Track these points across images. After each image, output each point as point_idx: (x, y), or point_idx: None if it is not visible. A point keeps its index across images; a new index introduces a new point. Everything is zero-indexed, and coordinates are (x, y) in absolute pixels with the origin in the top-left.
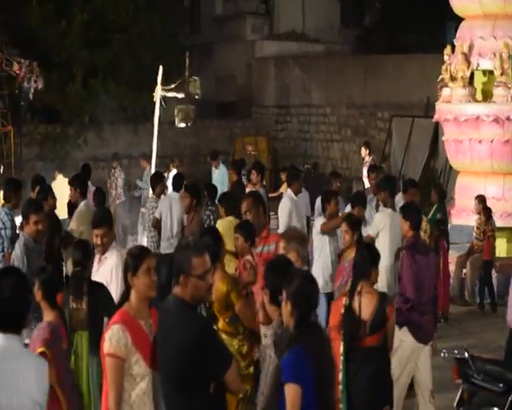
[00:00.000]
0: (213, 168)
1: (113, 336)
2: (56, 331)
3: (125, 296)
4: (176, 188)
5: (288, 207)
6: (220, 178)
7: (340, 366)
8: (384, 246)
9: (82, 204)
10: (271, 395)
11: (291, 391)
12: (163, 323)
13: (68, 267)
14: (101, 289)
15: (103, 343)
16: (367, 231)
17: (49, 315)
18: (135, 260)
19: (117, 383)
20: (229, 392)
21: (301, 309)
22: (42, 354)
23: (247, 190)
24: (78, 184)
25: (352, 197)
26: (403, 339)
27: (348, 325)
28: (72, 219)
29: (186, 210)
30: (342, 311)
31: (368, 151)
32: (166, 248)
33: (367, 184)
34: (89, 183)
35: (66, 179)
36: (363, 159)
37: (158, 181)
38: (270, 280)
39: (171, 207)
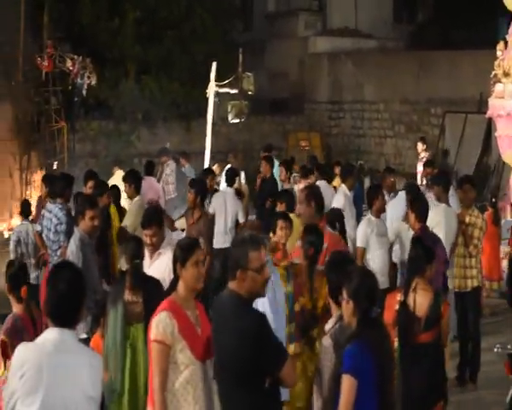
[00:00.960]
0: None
1: (160, 322)
2: (19, 323)
3: (173, 286)
4: (229, 183)
5: (341, 203)
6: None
7: (395, 362)
8: None
9: (136, 199)
10: (330, 388)
11: (347, 382)
12: (218, 318)
13: (122, 263)
14: (155, 283)
15: (150, 330)
16: None
17: (15, 307)
18: (184, 252)
19: (162, 370)
20: (284, 386)
21: (362, 306)
22: (2, 342)
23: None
24: (133, 179)
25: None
26: None
27: (403, 321)
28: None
29: (190, 206)
30: (397, 307)
31: (424, 147)
32: (220, 243)
33: (419, 181)
34: (153, 179)
35: None
36: (419, 154)
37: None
38: (330, 278)
39: (225, 202)
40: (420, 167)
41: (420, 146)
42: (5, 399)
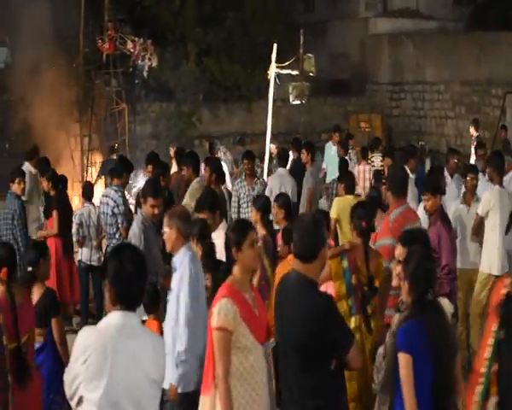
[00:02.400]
0: (331, 143)
1: (222, 309)
2: None
3: (228, 271)
4: (282, 164)
5: None
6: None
7: (490, 342)
8: (494, 225)
9: (195, 181)
10: (389, 367)
11: (402, 360)
12: (284, 299)
13: None
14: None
15: (210, 317)
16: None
17: None
18: (239, 235)
19: (226, 356)
20: (349, 369)
21: (418, 287)
22: None
23: None
24: (191, 161)
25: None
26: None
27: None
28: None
29: (206, 184)
30: (504, 291)
31: (476, 128)
32: None
33: (472, 161)
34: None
35: None
36: (471, 136)
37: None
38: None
39: (281, 184)
40: (473, 149)
41: (472, 129)
42: (66, 383)
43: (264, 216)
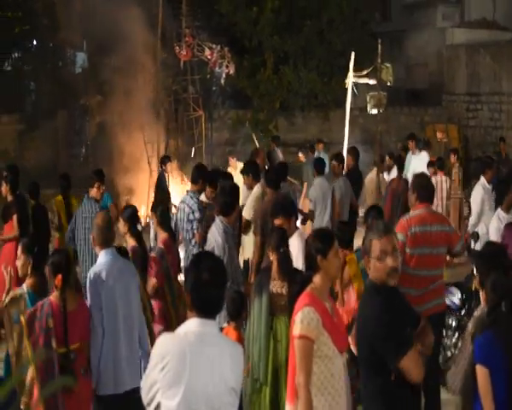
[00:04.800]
0: (410, 153)
1: (305, 318)
2: None
3: (308, 280)
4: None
5: (480, 195)
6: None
7: None
8: None
9: (256, 188)
10: (467, 377)
11: (479, 373)
12: (360, 307)
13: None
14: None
15: (293, 326)
16: None
17: None
18: (325, 244)
19: (308, 366)
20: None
21: (495, 298)
22: None
23: None
24: (250, 169)
25: None
26: None
27: None
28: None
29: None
30: None
31: None
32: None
33: None
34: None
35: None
36: None
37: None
38: (478, 266)
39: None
40: None
41: None
42: (144, 390)
43: (132, 227)
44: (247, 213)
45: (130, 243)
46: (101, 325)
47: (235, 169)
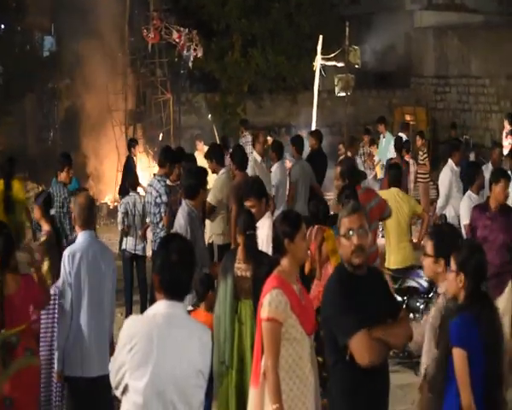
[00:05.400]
0: (382, 136)
1: (273, 300)
2: None
3: (276, 263)
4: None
5: (448, 178)
6: (386, 145)
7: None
8: None
9: (221, 172)
10: (441, 361)
11: (457, 356)
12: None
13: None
14: (267, 259)
15: (260, 308)
16: None
17: None
18: (292, 227)
19: (275, 348)
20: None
21: (473, 280)
22: None
23: None
24: (214, 155)
25: None
26: None
27: None
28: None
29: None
30: None
31: (510, 122)
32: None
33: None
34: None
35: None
36: (506, 131)
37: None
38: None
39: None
40: (505, 143)
41: (506, 123)
42: (112, 372)
43: (46, 211)
44: (211, 198)
45: (44, 227)
46: (69, 304)
47: (203, 153)
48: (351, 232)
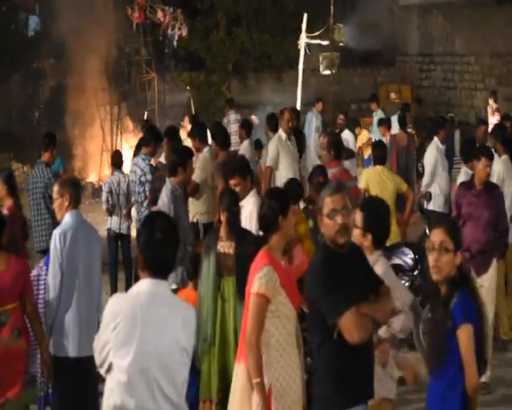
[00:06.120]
0: (374, 113)
1: (264, 276)
2: None
3: (262, 240)
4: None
5: (434, 156)
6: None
7: None
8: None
9: (204, 151)
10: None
11: (465, 333)
12: (309, 267)
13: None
14: (250, 236)
15: (251, 283)
16: None
17: None
18: (284, 203)
19: (260, 324)
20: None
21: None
22: None
23: None
24: (197, 133)
25: None
26: None
27: None
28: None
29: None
30: None
31: (495, 100)
32: None
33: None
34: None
35: None
36: (492, 108)
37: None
38: None
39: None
40: (492, 120)
41: (491, 101)
42: (96, 350)
43: (10, 188)
44: (195, 177)
45: (7, 203)
46: (58, 284)
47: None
48: (334, 212)
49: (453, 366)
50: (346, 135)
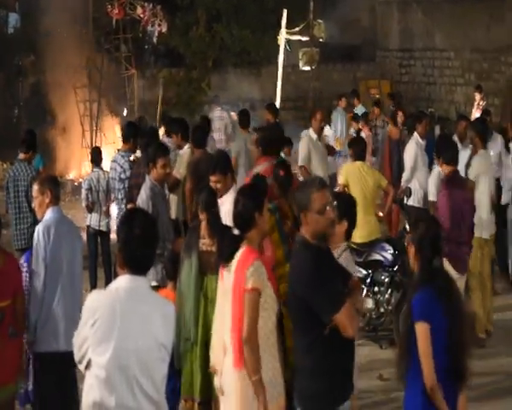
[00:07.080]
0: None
1: (256, 271)
2: None
3: (240, 238)
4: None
5: (414, 151)
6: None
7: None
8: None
9: (185, 147)
10: (404, 339)
11: (420, 330)
12: (292, 264)
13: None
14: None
15: (243, 280)
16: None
17: None
18: (260, 200)
19: (256, 318)
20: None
21: (426, 254)
22: None
23: None
24: (179, 128)
25: None
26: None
27: None
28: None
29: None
30: None
31: (482, 95)
32: None
33: None
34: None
35: None
36: (478, 103)
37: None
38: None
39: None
40: (477, 115)
41: (477, 95)
42: (75, 347)
43: None
44: (176, 172)
45: None
46: (42, 280)
47: None
48: (325, 207)
49: (413, 364)
50: (327, 131)
